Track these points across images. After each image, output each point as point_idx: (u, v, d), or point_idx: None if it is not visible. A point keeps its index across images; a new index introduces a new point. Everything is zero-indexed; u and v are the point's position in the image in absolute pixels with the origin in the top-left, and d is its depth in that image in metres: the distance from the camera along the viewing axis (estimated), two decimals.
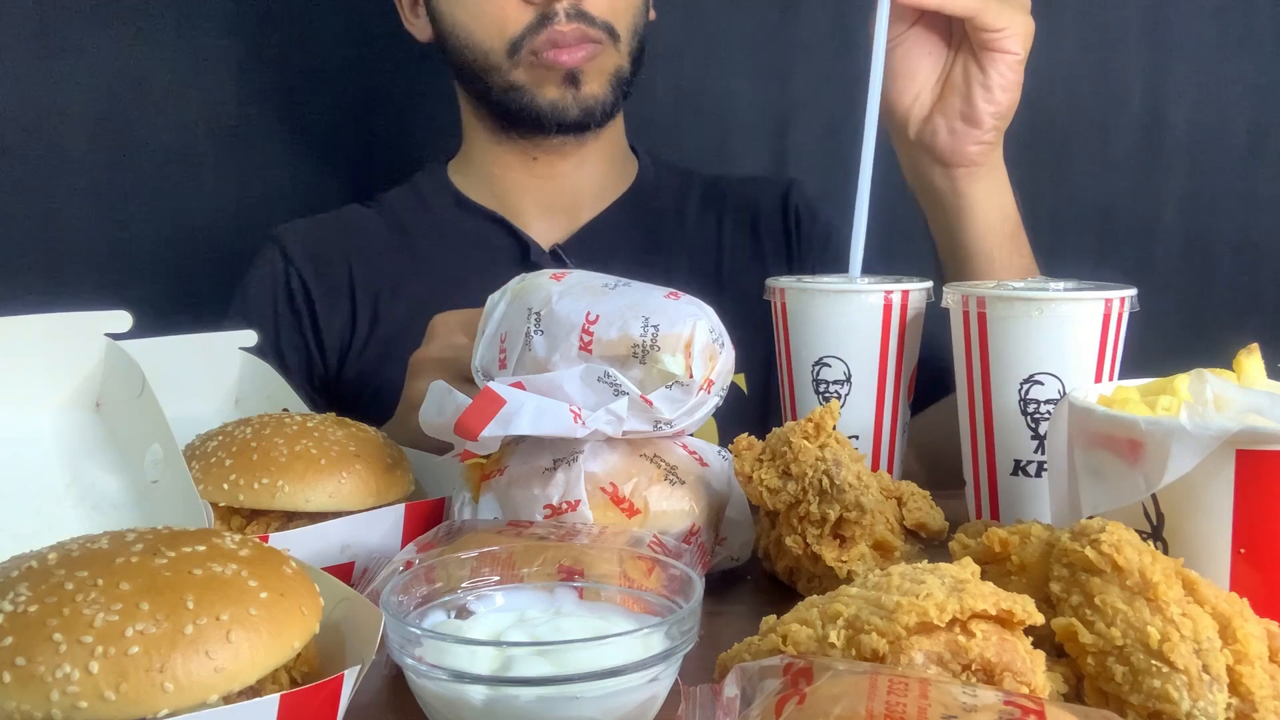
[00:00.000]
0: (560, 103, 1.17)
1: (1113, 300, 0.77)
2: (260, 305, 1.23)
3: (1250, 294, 1.47)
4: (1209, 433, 0.56)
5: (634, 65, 1.22)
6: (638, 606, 0.58)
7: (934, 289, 0.88)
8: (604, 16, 1.15)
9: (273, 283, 1.24)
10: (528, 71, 1.16)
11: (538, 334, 0.71)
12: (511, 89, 1.17)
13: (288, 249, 1.25)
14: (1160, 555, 0.53)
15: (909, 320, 0.87)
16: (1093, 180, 1.47)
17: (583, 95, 1.17)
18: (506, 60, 1.15)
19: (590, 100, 1.17)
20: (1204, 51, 1.45)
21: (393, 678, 0.59)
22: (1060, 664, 0.53)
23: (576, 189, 1.28)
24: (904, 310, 0.86)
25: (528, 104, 1.17)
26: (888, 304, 0.85)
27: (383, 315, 1.22)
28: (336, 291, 1.23)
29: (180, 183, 1.43)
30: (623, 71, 1.20)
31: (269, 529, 0.71)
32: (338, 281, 1.23)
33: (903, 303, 0.86)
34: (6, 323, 0.73)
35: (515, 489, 0.71)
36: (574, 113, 1.18)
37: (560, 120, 1.18)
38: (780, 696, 0.43)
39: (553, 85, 1.16)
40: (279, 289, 1.24)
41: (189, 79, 1.42)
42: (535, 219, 1.27)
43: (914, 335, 0.88)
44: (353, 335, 1.23)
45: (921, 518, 0.76)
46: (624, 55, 1.19)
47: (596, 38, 1.15)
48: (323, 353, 1.23)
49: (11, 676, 0.43)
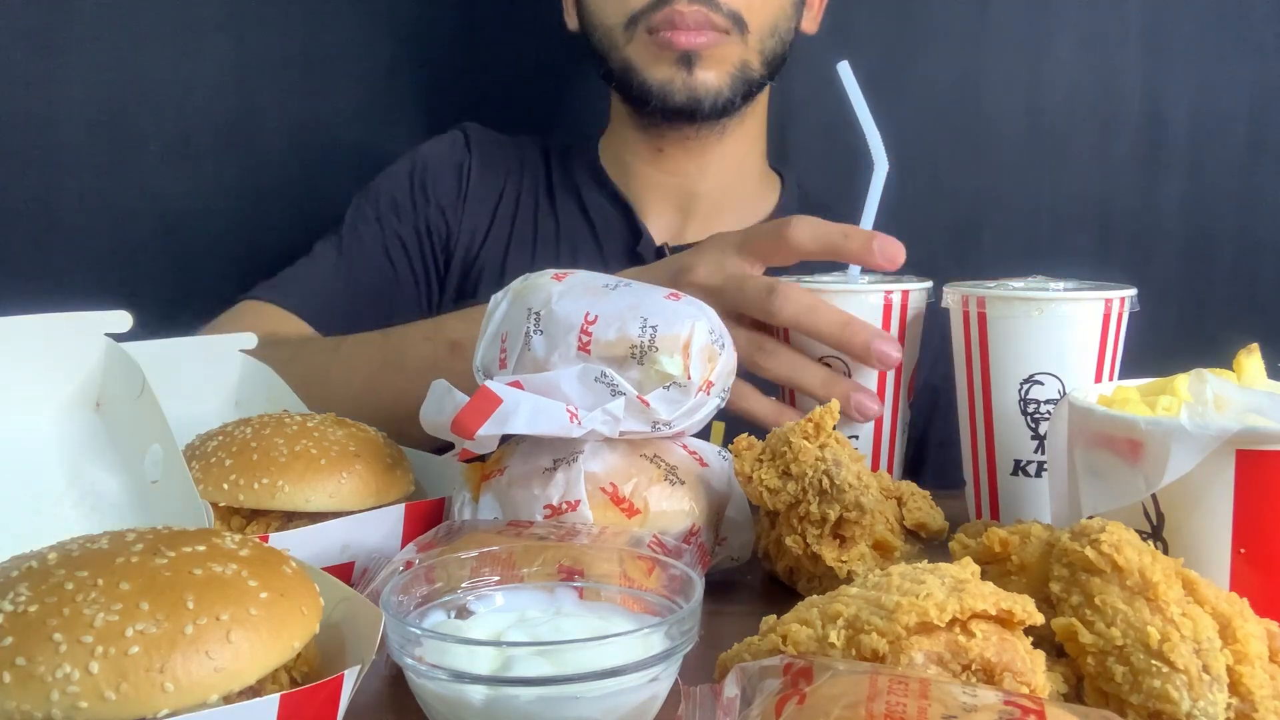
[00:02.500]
0: (670, 84, 1.13)
1: (1113, 300, 0.77)
2: (428, 161, 1.30)
3: (1250, 294, 1.47)
4: (1209, 433, 0.56)
5: (767, 67, 1.17)
6: (638, 606, 0.58)
7: (934, 289, 0.88)
8: (731, 4, 1.11)
9: (450, 154, 1.30)
10: (642, 49, 1.13)
11: (537, 334, 0.71)
12: (627, 68, 1.15)
13: (471, 139, 1.31)
14: (1160, 555, 0.53)
15: (909, 320, 0.87)
16: (1093, 180, 1.47)
17: (694, 81, 1.13)
18: (622, 35, 1.14)
19: (700, 87, 1.13)
20: (1204, 51, 1.44)
21: (393, 678, 0.59)
22: (1060, 664, 0.53)
23: (697, 191, 1.27)
24: (904, 310, 0.86)
25: (639, 83, 1.15)
26: (888, 304, 0.85)
27: (515, 237, 1.27)
28: (486, 200, 1.28)
29: (180, 182, 1.43)
30: (749, 67, 1.15)
31: (269, 529, 0.71)
32: (489, 192, 1.28)
33: (903, 303, 0.86)
34: (6, 323, 0.73)
35: (515, 489, 0.71)
36: (680, 97, 1.14)
37: (665, 103, 1.14)
38: (780, 696, 0.43)
39: (666, 65, 1.13)
40: (450, 163, 1.29)
41: (189, 79, 1.42)
42: (656, 213, 1.28)
43: (914, 335, 0.88)
44: (487, 235, 1.27)
45: (921, 518, 0.76)
46: (753, 50, 1.15)
47: (722, 26, 1.11)
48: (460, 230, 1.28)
49: (11, 676, 0.43)
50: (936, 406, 1.23)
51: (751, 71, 1.16)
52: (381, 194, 1.29)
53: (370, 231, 1.28)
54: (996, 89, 1.45)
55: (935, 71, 1.45)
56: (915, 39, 1.45)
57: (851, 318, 0.83)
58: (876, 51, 1.45)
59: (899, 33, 1.45)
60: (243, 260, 1.43)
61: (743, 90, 1.16)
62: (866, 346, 0.81)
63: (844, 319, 0.82)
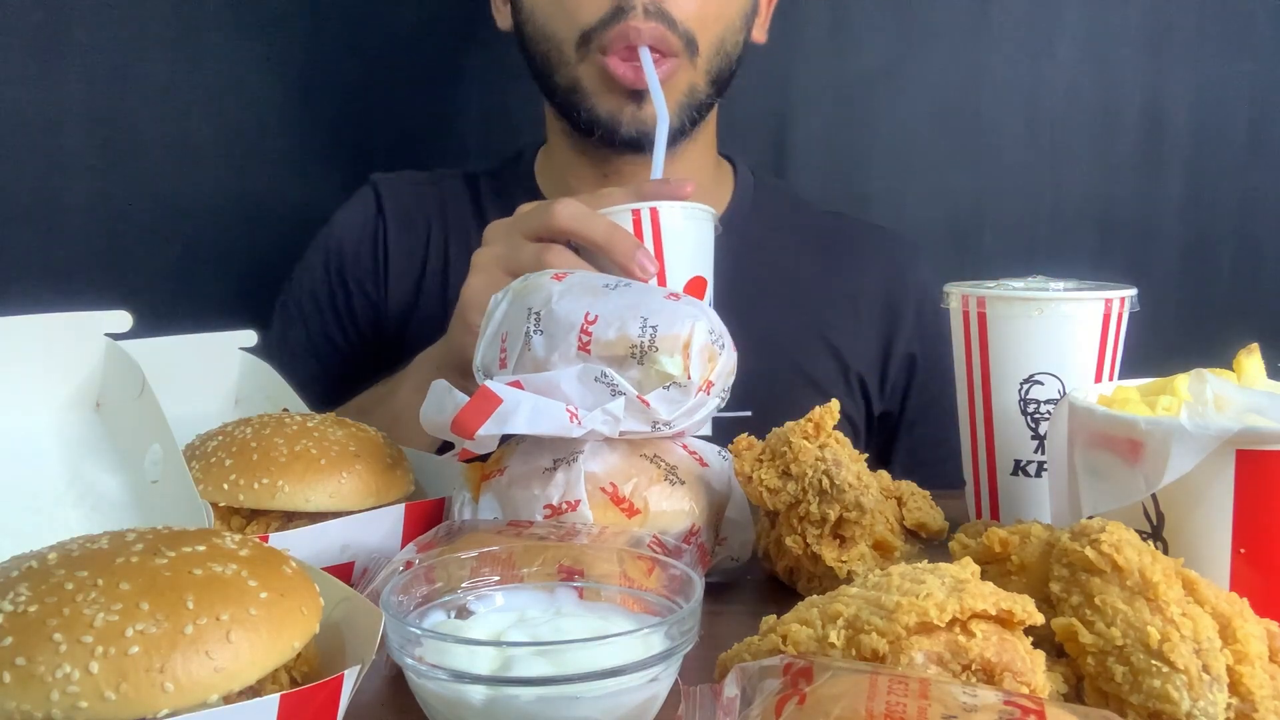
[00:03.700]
0: (618, 115, 1.09)
1: (1113, 300, 0.77)
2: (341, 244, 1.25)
3: (1250, 294, 1.47)
4: (1209, 433, 0.56)
5: (714, 87, 1.12)
6: (638, 606, 0.58)
7: (713, 216, 0.90)
8: (687, 22, 1.06)
9: (362, 226, 1.25)
10: (592, 72, 1.08)
11: (537, 334, 0.71)
12: (574, 89, 1.10)
13: (381, 198, 1.26)
14: (1160, 555, 0.53)
15: (664, 235, 0.87)
16: (1093, 180, 1.47)
17: (642, 114, 1.08)
18: (575, 53, 1.08)
19: (650, 120, 1.04)
20: (1204, 51, 1.45)
21: (393, 678, 0.59)
22: (1060, 664, 0.53)
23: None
24: (655, 226, 0.87)
25: (586, 109, 1.10)
26: (636, 220, 0.86)
27: (452, 286, 1.20)
28: (411, 261, 1.24)
29: (180, 183, 1.43)
30: (696, 91, 1.11)
31: (269, 529, 0.71)
32: (411, 252, 1.24)
33: (653, 220, 0.86)
34: (6, 323, 0.73)
35: (515, 489, 0.71)
36: (629, 131, 1.09)
37: (612, 137, 1.10)
38: (780, 696, 0.43)
39: (615, 95, 1.08)
40: (365, 236, 1.25)
41: (189, 79, 1.42)
42: None
43: (683, 250, 0.89)
44: (417, 298, 1.23)
45: (921, 518, 0.76)
46: (700, 73, 1.10)
47: (675, 48, 1.06)
48: (387, 306, 1.24)
49: (11, 676, 0.43)
50: (914, 376, 1.22)
51: (699, 94, 1.11)
52: (303, 293, 1.25)
53: (297, 336, 1.25)
54: (996, 89, 1.46)
55: (935, 71, 1.45)
56: (915, 39, 1.45)
57: (617, 227, 0.86)
58: (876, 51, 1.45)
59: (899, 33, 1.45)
60: (242, 261, 1.43)
61: (691, 116, 1.12)
62: (629, 254, 0.85)
63: (612, 227, 0.86)
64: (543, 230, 0.88)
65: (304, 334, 1.25)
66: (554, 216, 0.86)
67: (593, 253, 0.86)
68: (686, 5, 1.06)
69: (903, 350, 1.21)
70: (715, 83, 1.12)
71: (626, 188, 0.91)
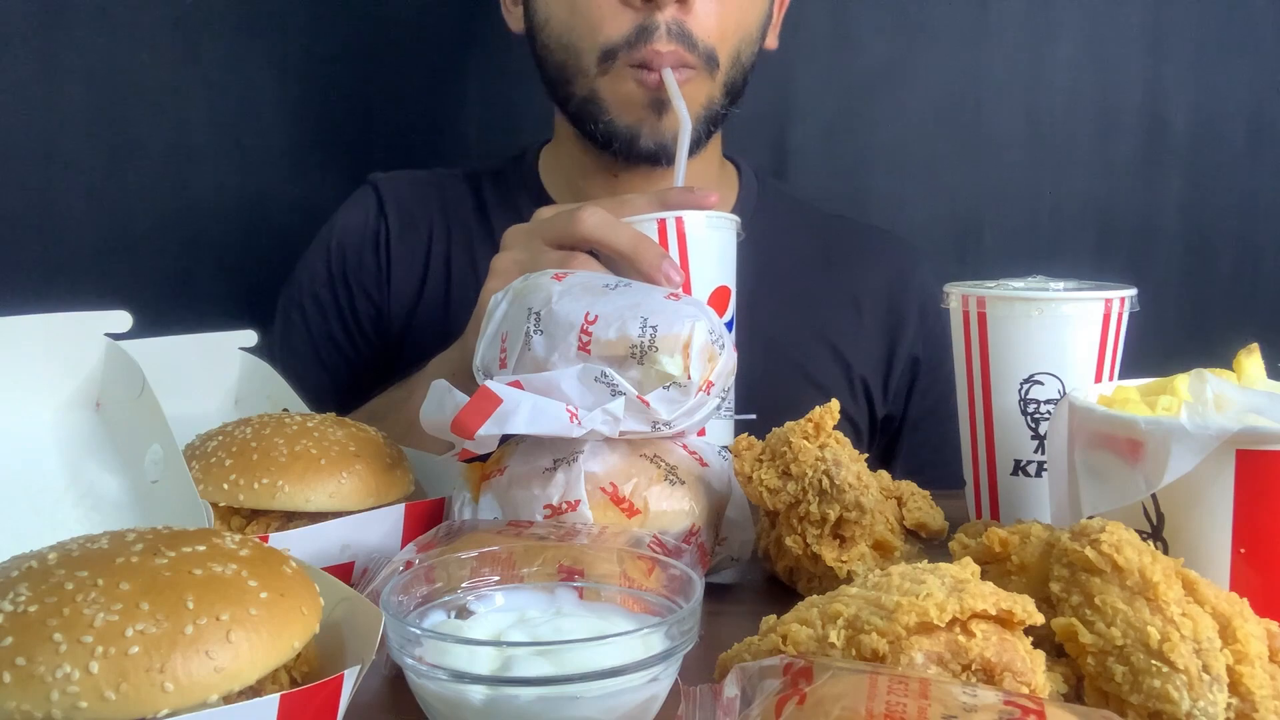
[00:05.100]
0: (637, 128, 1.09)
1: (1113, 300, 0.78)
2: (343, 246, 1.24)
3: (1250, 294, 1.47)
4: (1209, 433, 0.56)
5: (729, 98, 1.13)
6: (638, 606, 0.58)
7: (738, 224, 0.90)
8: (707, 40, 1.07)
9: (364, 226, 1.25)
10: (617, 84, 1.08)
11: (537, 334, 0.71)
12: (592, 100, 1.10)
13: (383, 197, 1.25)
14: (1160, 555, 0.53)
15: (689, 242, 0.87)
16: (1093, 180, 1.47)
17: (661, 126, 1.08)
18: (596, 67, 1.08)
19: (668, 133, 1.07)
20: (1204, 51, 1.45)
21: (393, 678, 0.59)
22: (1060, 664, 0.53)
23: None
24: (680, 235, 0.87)
25: (604, 122, 1.10)
26: (662, 229, 0.86)
27: (454, 286, 1.22)
28: (413, 262, 1.23)
29: (180, 183, 1.43)
30: (713, 103, 1.11)
31: (269, 529, 0.71)
32: (414, 252, 1.23)
33: (678, 229, 0.86)
34: (6, 323, 0.73)
35: (515, 489, 0.71)
36: (648, 144, 1.09)
37: (629, 150, 1.10)
38: (780, 696, 0.43)
39: (636, 107, 1.08)
40: (366, 237, 1.24)
41: (189, 79, 1.42)
42: None
43: (707, 257, 0.89)
44: (419, 299, 1.23)
45: (921, 518, 0.76)
46: (718, 85, 1.11)
47: (694, 65, 1.06)
48: (389, 307, 1.23)
49: (11, 676, 0.43)
50: (917, 379, 1.23)
51: (715, 107, 1.12)
52: (304, 294, 1.25)
53: (298, 336, 1.25)
54: (996, 89, 1.46)
55: (935, 71, 1.45)
56: (915, 39, 1.45)
57: (644, 237, 0.85)
58: (876, 51, 1.45)
59: (899, 33, 1.45)
60: (242, 260, 1.43)
61: (707, 129, 1.13)
62: (656, 265, 0.84)
63: (638, 237, 0.85)
64: (566, 238, 0.87)
65: (305, 334, 1.25)
66: (579, 224, 0.85)
67: (617, 261, 0.85)
68: (707, 22, 1.06)
69: (906, 353, 1.22)
70: (730, 94, 1.13)
71: (649, 195, 0.90)
